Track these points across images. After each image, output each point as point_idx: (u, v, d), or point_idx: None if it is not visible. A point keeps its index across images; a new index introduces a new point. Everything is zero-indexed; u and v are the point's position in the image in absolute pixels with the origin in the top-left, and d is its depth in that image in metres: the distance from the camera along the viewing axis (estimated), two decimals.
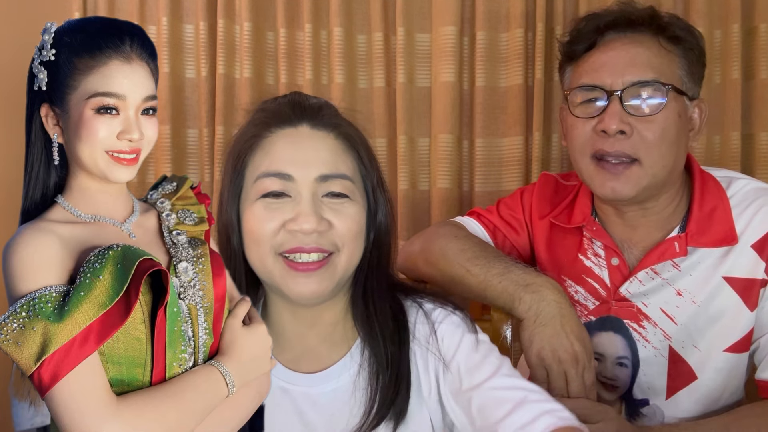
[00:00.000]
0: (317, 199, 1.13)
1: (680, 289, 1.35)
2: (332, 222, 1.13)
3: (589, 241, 1.43)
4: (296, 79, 2.13)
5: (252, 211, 1.14)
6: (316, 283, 1.13)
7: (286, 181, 1.13)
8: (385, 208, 1.20)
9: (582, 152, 1.35)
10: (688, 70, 1.33)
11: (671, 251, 1.35)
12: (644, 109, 1.30)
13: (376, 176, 1.20)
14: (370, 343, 1.18)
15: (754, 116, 2.02)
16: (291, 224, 1.12)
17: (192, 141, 2.19)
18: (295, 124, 1.17)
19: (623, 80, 1.30)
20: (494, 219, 1.55)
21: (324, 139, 1.16)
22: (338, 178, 1.14)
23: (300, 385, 1.18)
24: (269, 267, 1.14)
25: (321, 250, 1.13)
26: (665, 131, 1.30)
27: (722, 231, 1.33)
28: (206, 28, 2.14)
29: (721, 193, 1.37)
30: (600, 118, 1.31)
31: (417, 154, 2.13)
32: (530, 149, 2.07)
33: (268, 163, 1.15)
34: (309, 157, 1.14)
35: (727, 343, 1.34)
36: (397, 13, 2.09)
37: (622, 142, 1.29)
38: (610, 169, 1.31)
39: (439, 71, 2.08)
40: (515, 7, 2.05)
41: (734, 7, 1.98)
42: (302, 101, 1.20)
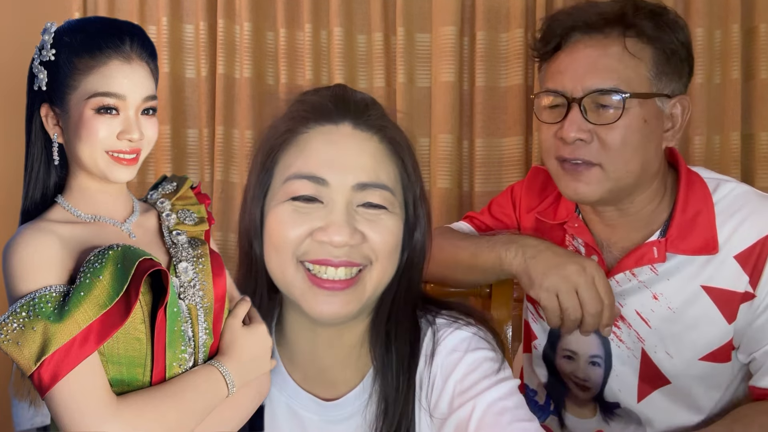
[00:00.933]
0: (351, 209, 1.02)
1: (657, 293, 1.32)
2: (366, 234, 1.02)
3: (570, 237, 1.42)
4: (296, 79, 2.13)
5: (277, 213, 1.03)
6: (341, 305, 1.02)
7: (320, 186, 1.01)
8: (424, 225, 1.09)
9: (548, 156, 1.34)
10: (660, 70, 1.27)
11: (649, 256, 1.31)
12: (604, 117, 1.26)
13: (419, 188, 1.10)
14: (383, 373, 1.08)
15: (754, 116, 2.02)
16: (320, 234, 1.01)
17: (192, 141, 2.20)
18: (336, 121, 1.04)
19: (583, 87, 1.26)
20: (485, 219, 1.57)
21: (366, 142, 1.04)
22: (377, 188, 1.03)
23: (312, 413, 1.11)
24: (289, 278, 1.04)
25: (351, 263, 1.02)
26: (627, 138, 1.26)
27: (703, 238, 1.29)
28: (206, 28, 2.14)
29: (707, 196, 1.32)
30: (561, 124, 1.28)
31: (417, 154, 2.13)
32: (530, 149, 2.08)
33: (302, 163, 1.03)
34: (348, 161, 1.02)
35: (702, 353, 1.31)
36: (397, 13, 2.09)
37: (581, 149, 1.27)
38: (571, 170, 1.29)
39: (439, 71, 2.08)
40: (515, 7, 2.05)
41: (734, 7, 1.98)
42: (347, 96, 1.07)
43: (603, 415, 1.41)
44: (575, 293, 1.23)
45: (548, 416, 1.50)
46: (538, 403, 1.52)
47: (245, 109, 2.10)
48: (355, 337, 1.11)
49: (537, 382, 1.51)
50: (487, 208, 1.59)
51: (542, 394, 1.50)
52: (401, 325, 1.09)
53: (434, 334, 1.09)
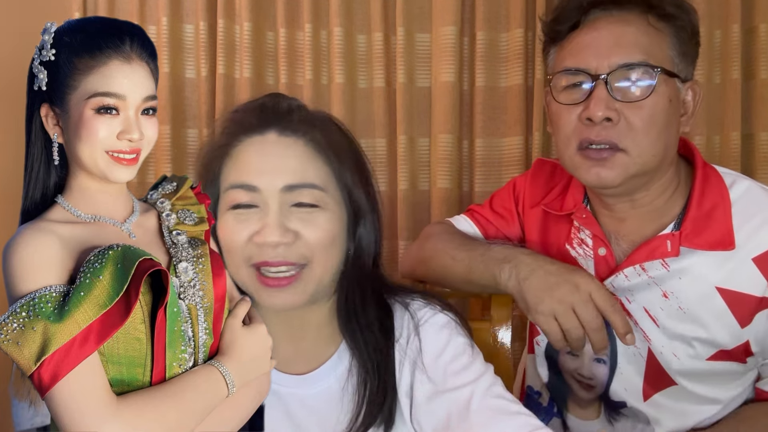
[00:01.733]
0: (285, 210, 1.10)
1: (667, 291, 1.28)
2: (300, 233, 1.10)
3: (576, 230, 1.38)
4: (296, 79, 2.13)
5: (224, 221, 1.13)
6: (289, 296, 1.12)
7: (253, 192, 1.11)
8: (368, 211, 1.17)
9: (567, 142, 1.28)
10: (679, 50, 1.24)
11: (662, 249, 1.27)
12: (632, 94, 1.21)
13: (352, 178, 1.15)
14: (356, 348, 1.16)
15: (754, 116, 2.03)
16: (257, 237, 1.10)
17: (192, 141, 2.19)
18: (262, 131, 1.13)
19: (609, 63, 1.21)
20: (486, 213, 1.54)
21: (292, 147, 1.12)
22: (306, 187, 1.11)
23: (289, 387, 1.18)
24: (243, 278, 1.13)
25: (288, 263, 1.10)
26: (654, 117, 1.22)
27: (719, 233, 1.25)
28: (206, 28, 2.14)
29: (723, 191, 1.29)
30: (585, 104, 1.23)
31: (417, 154, 2.14)
32: (530, 149, 2.08)
33: (236, 174, 1.13)
34: (275, 166, 1.11)
35: (710, 353, 1.28)
36: (397, 13, 2.09)
37: (608, 129, 1.22)
38: (595, 156, 1.24)
39: (439, 71, 2.08)
40: (515, 7, 2.05)
41: (734, 7, 1.98)
42: (273, 105, 1.16)
43: (608, 416, 1.39)
44: (573, 313, 1.20)
45: (551, 418, 1.46)
46: (541, 405, 1.49)
47: None
48: (321, 317, 1.19)
49: (540, 383, 1.48)
50: (489, 201, 1.56)
51: (545, 395, 1.48)
52: (363, 307, 1.16)
53: (413, 314, 1.18)
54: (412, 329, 1.17)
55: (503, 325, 1.43)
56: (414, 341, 1.16)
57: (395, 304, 1.21)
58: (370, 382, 1.14)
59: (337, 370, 1.18)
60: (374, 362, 1.15)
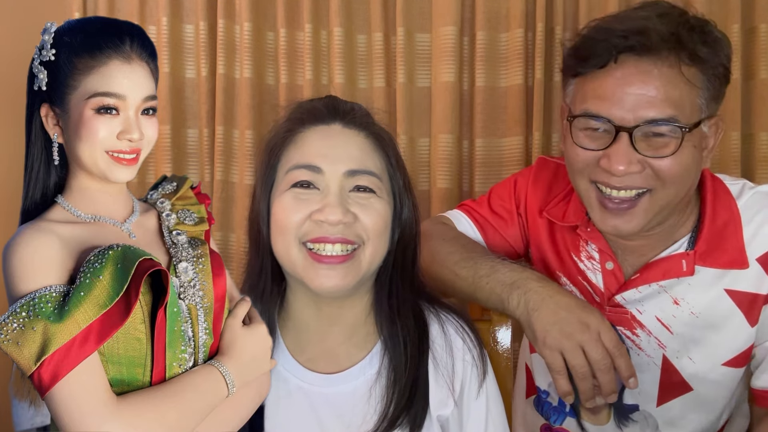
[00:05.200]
0: (344, 193, 1.14)
1: (677, 298, 1.28)
2: (358, 215, 1.13)
3: (584, 242, 1.37)
4: (296, 79, 2.13)
5: (281, 200, 1.15)
6: (340, 277, 1.13)
7: (316, 174, 1.14)
8: (410, 210, 1.21)
9: (580, 175, 1.25)
10: (710, 95, 1.19)
11: (677, 269, 1.26)
12: (657, 150, 1.17)
13: (402, 179, 1.21)
14: (391, 344, 1.17)
15: (754, 116, 2.02)
16: (317, 215, 1.12)
17: (192, 141, 2.19)
18: (327, 122, 1.19)
19: (635, 116, 1.16)
20: (484, 212, 1.50)
21: (354, 137, 1.18)
22: (366, 173, 1.15)
23: (316, 385, 1.18)
24: (293, 257, 1.14)
25: (346, 240, 1.13)
26: (682, 166, 1.18)
27: (734, 250, 1.25)
28: (206, 28, 2.14)
29: (732, 204, 1.28)
30: (605, 153, 1.18)
31: (417, 154, 2.13)
32: (530, 149, 2.07)
33: (300, 156, 1.16)
34: (339, 152, 1.16)
35: (726, 357, 1.28)
36: (397, 13, 2.09)
37: (633, 177, 1.18)
38: (613, 209, 1.22)
39: (439, 71, 2.08)
40: (515, 7, 2.05)
41: (734, 7, 1.98)
42: (336, 103, 1.22)
43: (617, 421, 1.37)
44: (581, 351, 1.16)
45: (565, 418, 1.45)
46: (551, 404, 1.47)
47: (245, 109, 2.10)
48: (357, 314, 1.20)
49: (547, 383, 1.46)
50: (487, 197, 1.53)
51: (554, 394, 1.46)
52: (404, 302, 1.19)
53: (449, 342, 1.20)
54: (448, 354, 1.19)
55: (503, 325, 1.43)
56: (448, 362, 1.19)
57: (429, 313, 1.23)
58: (400, 383, 1.15)
59: (367, 373, 1.18)
60: (409, 356, 1.16)
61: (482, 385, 1.19)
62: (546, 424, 1.49)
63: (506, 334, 1.42)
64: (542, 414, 1.49)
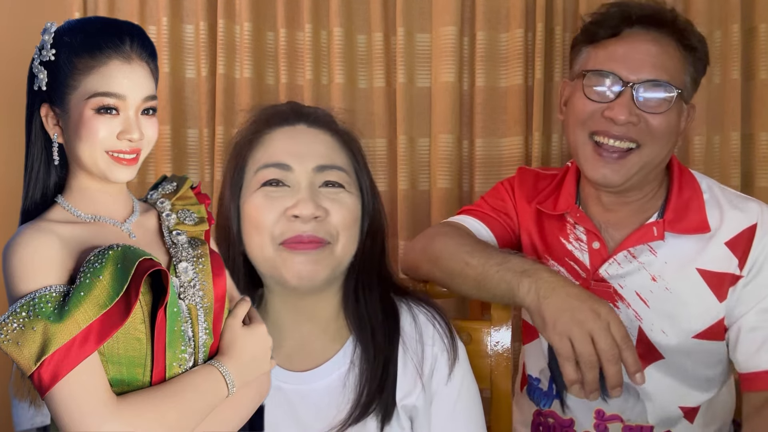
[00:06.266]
0: (315, 189, 1.17)
1: (655, 275, 1.42)
2: (329, 210, 1.17)
3: (572, 226, 1.51)
4: (296, 79, 2.13)
5: (252, 200, 1.18)
6: (313, 263, 1.16)
7: (285, 171, 1.17)
8: (377, 208, 1.25)
9: (581, 127, 1.41)
10: (692, 77, 1.42)
11: (649, 235, 1.43)
12: (653, 105, 1.37)
13: (368, 177, 1.25)
14: (361, 335, 1.21)
15: (754, 116, 2.02)
16: (291, 210, 1.15)
17: (192, 141, 2.19)
18: (292, 123, 1.23)
19: (638, 75, 1.36)
20: (486, 209, 1.59)
21: (320, 135, 1.22)
22: (334, 168, 1.19)
23: (292, 383, 1.20)
24: (268, 254, 1.17)
25: (318, 239, 1.16)
26: (668, 126, 1.38)
27: (696, 220, 1.42)
28: (206, 28, 2.14)
29: (696, 185, 1.47)
30: (610, 105, 1.37)
31: (417, 154, 2.13)
32: (530, 149, 2.07)
33: (268, 156, 1.19)
34: (306, 150, 1.19)
35: (696, 330, 1.41)
36: (397, 13, 2.09)
37: (629, 128, 1.36)
38: (607, 155, 1.39)
39: (439, 71, 2.08)
40: (515, 7, 2.05)
41: (734, 7, 1.98)
42: (299, 107, 1.27)
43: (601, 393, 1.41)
44: (590, 339, 1.21)
45: (552, 401, 1.54)
46: (542, 390, 1.56)
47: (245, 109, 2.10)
48: (331, 309, 1.24)
49: (538, 370, 1.56)
50: (482, 200, 1.63)
51: (545, 381, 1.55)
52: (371, 292, 1.23)
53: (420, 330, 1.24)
54: (418, 341, 1.23)
55: (503, 325, 1.43)
56: (418, 348, 1.22)
57: (401, 304, 1.27)
58: (371, 372, 1.18)
59: (341, 368, 1.21)
60: (377, 344, 1.20)
61: (452, 371, 1.22)
62: (537, 409, 1.57)
63: (506, 334, 1.42)
64: (533, 400, 1.58)
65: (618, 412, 1.46)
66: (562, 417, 1.52)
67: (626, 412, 1.46)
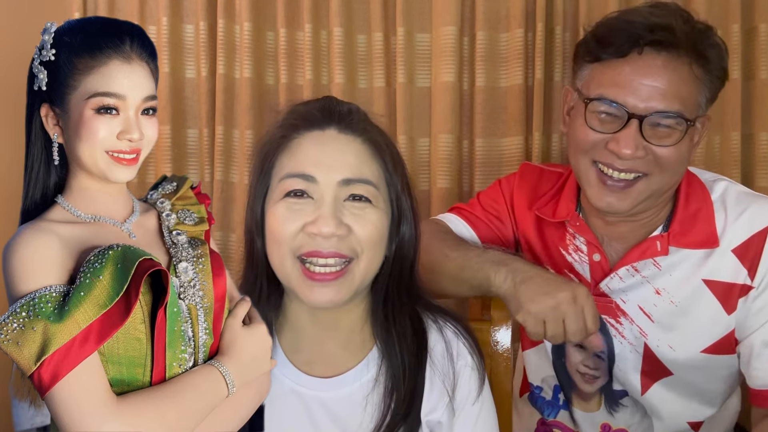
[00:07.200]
0: (339, 203, 1.11)
1: (659, 288, 1.36)
2: (352, 227, 1.11)
3: (571, 236, 1.44)
4: (296, 79, 2.13)
5: (274, 211, 1.13)
6: (333, 293, 1.12)
7: (310, 183, 1.12)
8: (410, 218, 1.19)
9: (582, 154, 1.33)
10: (709, 96, 1.31)
11: (653, 249, 1.35)
12: (662, 139, 1.27)
13: (400, 184, 1.18)
14: (388, 353, 1.17)
15: (754, 116, 2.02)
16: (310, 227, 1.10)
17: (192, 141, 2.19)
18: (323, 127, 1.15)
19: (647, 106, 1.25)
20: (477, 211, 1.55)
21: (350, 143, 1.15)
22: (361, 182, 1.13)
23: (312, 389, 1.17)
24: (288, 270, 1.13)
25: (339, 255, 1.11)
26: (679, 156, 1.29)
27: (704, 233, 1.33)
28: (206, 28, 2.14)
29: (705, 194, 1.37)
30: (614, 137, 1.27)
31: (417, 154, 2.13)
32: (530, 149, 2.07)
33: (294, 164, 1.13)
34: (334, 160, 1.13)
35: (704, 345, 1.34)
36: (397, 13, 2.09)
37: (635, 161, 1.27)
38: (612, 186, 1.30)
39: (439, 71, 2.08)
40: (515, 7, 2.05)
41: (734, 7, 1.98)
42: (332, 106, 1.19)
43: (608, 407, 1.43)
44: (562, 322, 1.22)
45: (559, 411, 1.51)
46: (545, 399, 1.53)
47: (245, 109, 2.10)
48: (354, 321, 1.20)
49: (540, 378, 1.52)
50: (476, 199, 1.58)
51: (548, 389, 1.52)
52: (400, 309, 1.19)
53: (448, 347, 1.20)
54: (448, 360, 1.19)
55: (503, 325, 1.43)
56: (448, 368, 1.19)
57: (427, 319, 1.22)
58: (398, 391, 1.15)
59: (363, 378, 1.18)
60: (407, 366, 1.16)
61: (481, 391, 1.19)
62: (541, 418, 1.55)
63: (506, 334, 1.42)
64: (537, 408, 1.55)
65: (624, 426, 1.44)
66: (570, 428, 1.50)
67: (632, 427, 1.44)
